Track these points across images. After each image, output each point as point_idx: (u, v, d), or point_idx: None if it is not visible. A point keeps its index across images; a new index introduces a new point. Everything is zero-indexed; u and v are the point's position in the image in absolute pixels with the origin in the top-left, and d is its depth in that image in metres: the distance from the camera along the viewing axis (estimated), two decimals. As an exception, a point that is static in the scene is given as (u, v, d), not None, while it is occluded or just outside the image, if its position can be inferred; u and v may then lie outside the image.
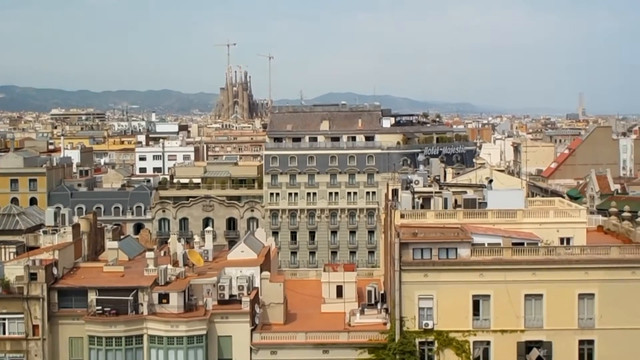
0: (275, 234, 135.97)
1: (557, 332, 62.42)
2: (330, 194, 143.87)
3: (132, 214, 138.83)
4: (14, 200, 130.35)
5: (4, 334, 66.16)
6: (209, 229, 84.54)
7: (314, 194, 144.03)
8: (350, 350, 65.79)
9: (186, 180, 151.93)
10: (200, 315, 64.81)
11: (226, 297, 66.36)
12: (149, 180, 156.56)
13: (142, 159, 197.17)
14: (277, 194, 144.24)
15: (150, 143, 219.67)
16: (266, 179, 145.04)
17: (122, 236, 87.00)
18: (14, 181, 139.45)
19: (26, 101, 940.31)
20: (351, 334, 66.37)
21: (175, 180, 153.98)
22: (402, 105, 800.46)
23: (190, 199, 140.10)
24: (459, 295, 62.48)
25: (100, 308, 64.37)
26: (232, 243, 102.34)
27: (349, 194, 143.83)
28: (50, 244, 74.67)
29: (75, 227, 75.34)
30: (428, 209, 69.93)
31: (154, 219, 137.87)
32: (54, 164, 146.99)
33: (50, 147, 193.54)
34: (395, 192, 77.66)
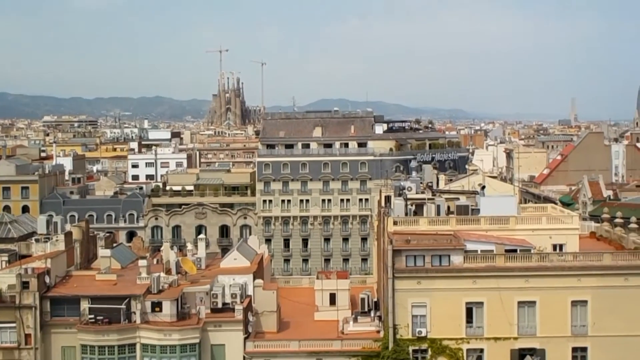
0: (268, 241, 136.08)
1: (551, 340, 62.40)
2: (323, 200, 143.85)
3: (125, 221, 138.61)
4: (6, 208, 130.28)
5: (-4, 343, 65.93)
6: (202, 236, 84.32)
7: (307, 200, 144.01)
8: (343, 359, 65.65)
9: (179, 188, 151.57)
10: (193, 324, 64.65)
11: (219, 305, 66.21)
12: (141, 188, 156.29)
13: (135, 166, 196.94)
14: (270, 201, 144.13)
15: (143, 150, 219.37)
16: (259, 186, 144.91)
17: (115, 244, 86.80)
18: (6, 189, 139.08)
19: (18, 108, 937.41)
20: (344, 342, 66.25)
21: (167, 188, 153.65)
22: (395, 111, 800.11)
23: (183, 207, 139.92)
24: (452, 303, 62.44)
25: (92, 317, 64.15)
26: (225, 251, 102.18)
27: (342, 200, 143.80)
28: (43, 252, 74.42)
29: (68, 235, 75.15)
30: (421, 215, 69.89)
31: (146, 227, 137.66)
32: (46, 172, 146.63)
33: (43, 155, 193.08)
34: (388, 199, 77.61)
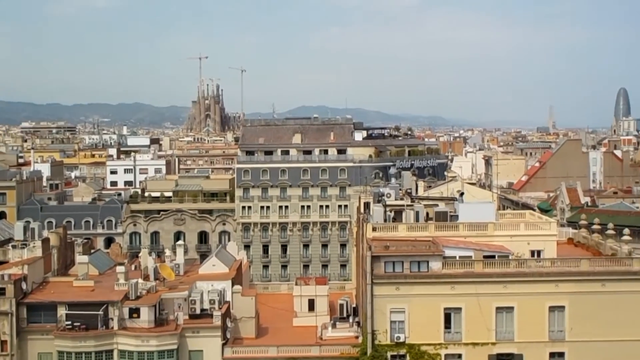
0: (247, 247, 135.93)
1: (528, 345, 62.57)
2: (302, 207, 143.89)
3: (103, 227, 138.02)
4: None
5: (-28, 349, 65.44)
6: (180, 242, 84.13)
7: (286, 207, 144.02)
8: (322, 364, 65.69)
9: (157, 194, 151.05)
10: (171, 330, 64.40)
11: (197, 312, 66.00)
12: (120, 194, 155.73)
13: (113, 172, 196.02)
14: (249, 207, 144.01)
15: (122, 156, 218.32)
16: (238, 192, 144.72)
17: (93, 250, 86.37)
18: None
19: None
20: (323, 348, 66.18)
21: (146, 194, 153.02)
22: (374, 118, 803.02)
23: (161, 213, 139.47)
24: (431, 308, 62.52)
25: (69, 323, 63.73)
26: (204, 257, 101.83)
27: (321, 207, 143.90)
28: (20, 258, 73.79)
29: (45, 242, 74.71)
30: (400, 222, 69.99)
31: (124, 233, 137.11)
32: (24, 178, 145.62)
33: (20, 161, 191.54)
34: (367, 205, 77.74)
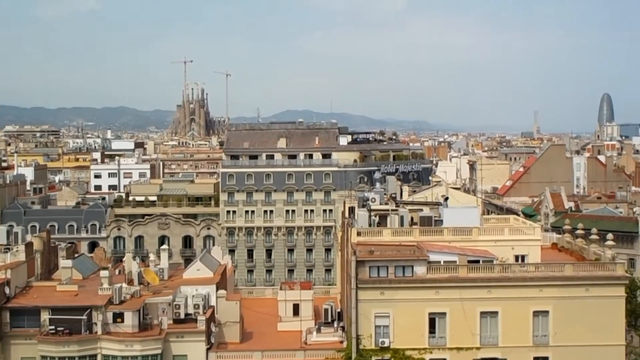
0: (231, 252, 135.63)
1: (512, 349, 62.66)
2: (287, 211, 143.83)
3: (87, 232, 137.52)
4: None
5: (-46, 354, 65.03)
6: (165, 247, 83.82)
7: (271, 211, 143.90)
8: (306, 369, 65.65)
9: (142, 198, 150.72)
10: (155, 335, 64.21)
11: (182, 316, 65.85)
12: (104, 198, 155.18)
13: (98, 176, 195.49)
14: (234, 212, 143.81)
15: (106, 160, 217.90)
16: (223, 197, 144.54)
17: (76, 255, 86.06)
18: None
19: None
20: (307, 353, 66.18)
21: (130, 198, 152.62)
22: (359, 122, 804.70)
23: (145, 217, 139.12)
24: (415, 313, 62.52)
25: (53, 328, 63.45)
26: (188, 261, 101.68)
27: (306, 211, 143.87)
28: (3, 262, 73.29)
29: (28, 246, 74.27)
30: (384, 226, 70.04)
31: (109, 237, 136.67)
32: (7, 182, 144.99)
33: (4, 164, 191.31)
34: (351, 210, 77.73)
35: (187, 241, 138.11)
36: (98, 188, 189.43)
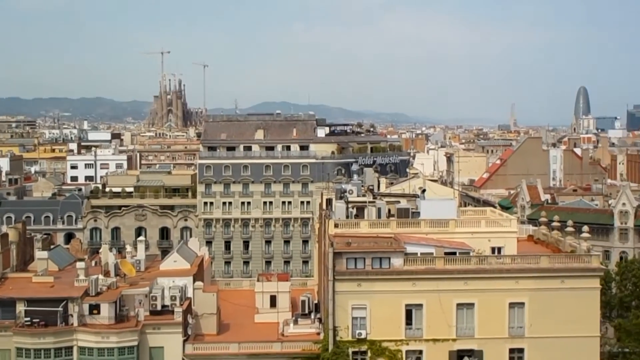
0: (209, 243, 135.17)
1: (488, 341, 63.06)
2: (264, 203, 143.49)
3: (63, 223, 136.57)
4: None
5: None
6: (142, 238, 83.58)
7: (248, 203, 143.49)
8: (283, 360, 65.73)
9: (119, 189, 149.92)
10: (132, 326, 64.06)
11: (158, 308, 65.77)
12: (80, 189, 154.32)
13: (74, 167, 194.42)
14: (211, 203, 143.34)
15: (82, 151, 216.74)
16: (200, 188, 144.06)
17: (52, 246, 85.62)
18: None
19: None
20: (284, 344, 66.29)
21: (107, 189, 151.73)
22: (337, 114, 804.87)
23: (122, 208, 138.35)
24: (392, 305, 62.73)
25: (28, 319, 63.18)
26: (165, 253, 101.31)
27: (284, 203, 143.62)
28: (-22, 254, 73.03)
29: (4, 237, 73.80)
30: (362, 218, 70.12)
31: (85, 229, 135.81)
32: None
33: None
34: (329, 202, 77.83)
35: (164, 232, 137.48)
36: (74, 179, 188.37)
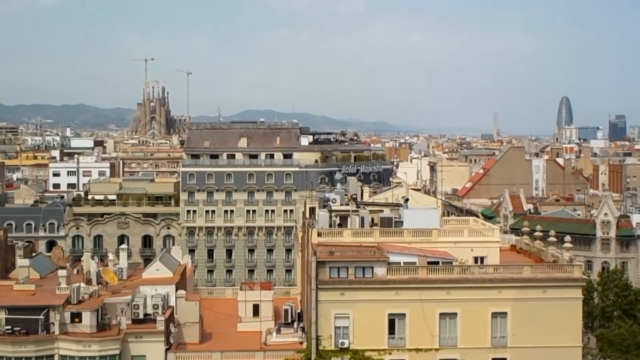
0: (191, 251, 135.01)
1: (471, 351, 63.02)
2: (247, 211, 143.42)
3: (45, 230, 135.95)
4: None
5: None
6: (124, 246, 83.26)
7: (232, 211, 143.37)
8: (266, 370, 65.56)
9: (101, 197, 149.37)
10: (114, 335, 63.72)
11: (140, 316, 65.44)
12: (62, 197, 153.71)
13: (56, 174, 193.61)
14: (194, 212, 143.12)
15: (65, 158, 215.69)
16: (183, 196, 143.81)
17: (34, 254, 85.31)
18: None
19: None
20: (267, 353, 66.13)
21: (89, 197, 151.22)
22: (321, 123, 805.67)
23: (105, 216, 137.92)
24: (375, 314, 62.64)
25: (9, 328, 62.74)
26: (148, 261, 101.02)
27: (267, 211, 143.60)
28: (-42, 261, 72.63)
29: (-15, 245, 73.46)
30: (345, 227, 70.08)
31: (67, 236, 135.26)
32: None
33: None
34: (312, 211, 77.76)
35: (147, 241, 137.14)
36: (57, 186, 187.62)
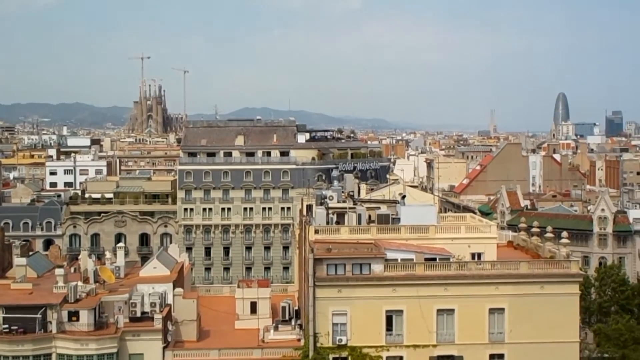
0: (189, 249, 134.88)
1: (468, 347, 63.13)
2: (244, 209, 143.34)
3: (42, 229, 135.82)
4: None
5: None
6: (121, 245, 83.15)
7: (229, 209, 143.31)
8: (263, 367, 65.56)
9: (98, 195, 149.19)
10: (111, 333, 63.70)
11: (138, 314, 65.42)
12: (59, 195, 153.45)
13: (53, 173, 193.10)
14: (191, 210, 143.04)
15: (62, 157, 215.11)
16: (180, 194, 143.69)
17: (31, 252, 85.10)
18: None
19: None
20: (265, 351, 66.11)
21: (86, 195, 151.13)
22: (317, 120, 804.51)
23: (102, 214, 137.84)
24: (373, 311, 62.72)
25: (7, 326, 62.74)
26: (145, 259, 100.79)
27: (264, 209, 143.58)
28: (-45, 260, 72.57)
29: (-18, 244, 73.41)
30: (342, 224, 70.16)
31: (64, 235, 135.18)
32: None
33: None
34: (309, 208, 77.83)
35: (144, 239, 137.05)
36: (53, 185, 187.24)
